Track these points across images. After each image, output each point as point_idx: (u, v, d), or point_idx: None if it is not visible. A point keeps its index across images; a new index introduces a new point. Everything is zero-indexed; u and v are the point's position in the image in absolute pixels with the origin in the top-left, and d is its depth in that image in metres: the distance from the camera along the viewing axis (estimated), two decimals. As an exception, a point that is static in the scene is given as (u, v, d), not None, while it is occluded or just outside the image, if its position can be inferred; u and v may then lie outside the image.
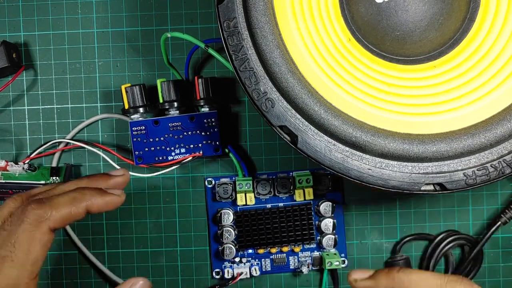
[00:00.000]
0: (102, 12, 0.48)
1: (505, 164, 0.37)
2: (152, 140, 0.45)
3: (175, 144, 0.45)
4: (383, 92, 0.38)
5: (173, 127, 0.45)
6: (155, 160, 0.45)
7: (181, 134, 0.45)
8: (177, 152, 0.45)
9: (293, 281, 0.49)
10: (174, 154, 0.45)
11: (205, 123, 0.45)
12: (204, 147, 0.45)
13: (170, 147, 0.45)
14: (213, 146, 0.45)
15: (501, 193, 0.48)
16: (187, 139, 0.45)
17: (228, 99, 0.48)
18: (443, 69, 0.38)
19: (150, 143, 0.45)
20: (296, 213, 0.47)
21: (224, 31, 0.37)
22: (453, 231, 0.48)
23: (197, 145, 0.45)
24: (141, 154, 0.45)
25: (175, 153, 0.45)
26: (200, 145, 0.45)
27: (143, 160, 0.45)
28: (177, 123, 0.45)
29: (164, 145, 0.45)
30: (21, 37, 0.48)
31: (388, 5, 0.38)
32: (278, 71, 0.36)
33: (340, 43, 0.39)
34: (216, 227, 0.48)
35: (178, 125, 0.45)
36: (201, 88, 0.45)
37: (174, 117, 0.45)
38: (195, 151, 0.45)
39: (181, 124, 0.45)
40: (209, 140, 0.45)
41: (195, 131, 0.45)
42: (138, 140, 0.45)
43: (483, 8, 0.38)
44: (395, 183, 0.37)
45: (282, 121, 0.37)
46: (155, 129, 0.45)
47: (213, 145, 0.45)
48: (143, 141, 0.45)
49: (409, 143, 0.37)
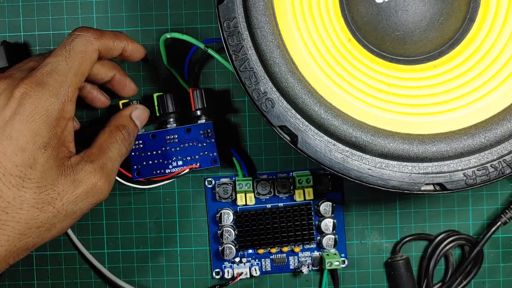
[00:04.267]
0: (102, 12, 0.48)
1: (505, 164, 0.37)
2: (149, 154, 0.45)
3: (173, 157, 0.45)
4: (383, 92, 0.38)
5: (170, 140, 0.45)
6: (153, 174, 0.45)
7: (177, 146, 0.45)
8: (174, 165, 0.45)
9: (293, 281, 0.49)
10: (171, 167, 0.45)
11: (201, 134, 0.45)
12: (201, 159, 0.45)
13: (167, 160, 0.45)
14: (211, 157, 0.45)
15: (501, 193, 0.48)
16: (184, 151, 0.45)
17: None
18: (443, 69, 0.38)
19: (147, 156, 0.45)
20: (296, 213, 0.47)
21: (224, 31, 0.37)
22: (453, 231, 0.48)
23: (194, 156, 0.45)
24: (139, 168, 0.45)
25: (172, 166, 0.45)
26: (197, 156, 0.45)
27: (141, 175, 0.45)
28: (174, 136, 0.45)
29: (161, 158, 0.45)
30: (21, 37, 0.48)
31: (388, 5, 0.38)
32: (278, 71, 0.36)
33: (340, 43, 0.39)
34: (216, 227, 0.48)
35: (174, 138, 0.45)
36: (196, 99, 0.45)
37: (170, 130, 0.45)
38: (192, 163, 0.45)
39: (178, 136, 0.45)
40: (206, 151, 0.45)
41: (191, 143, 0.45)
42: (136, 154, 0.45)
43: (483, 8, 0.38)
44: (395, 183, 0.37)
45: (282, 121, 0.37)
46: (152, 143, 0.45)
47: (210, 156, 0.45)
48: (141, 154, 0.45)
49: (409, 143, 0.37)
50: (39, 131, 0.35)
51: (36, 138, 0.35)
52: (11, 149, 0.35)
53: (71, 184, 0.37)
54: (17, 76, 0.37)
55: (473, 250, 0.47)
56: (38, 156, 0.35)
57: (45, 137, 0.36)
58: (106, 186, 0.38)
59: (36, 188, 0.35)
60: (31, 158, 0.35)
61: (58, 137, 0.37)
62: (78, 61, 0.38)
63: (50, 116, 0.36)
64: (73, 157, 0.38)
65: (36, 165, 0.35)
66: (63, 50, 0.38)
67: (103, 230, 0.49)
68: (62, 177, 0.37)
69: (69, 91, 0.37)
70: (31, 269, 0.49)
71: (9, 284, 0.49)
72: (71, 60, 0.37)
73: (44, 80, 0.36)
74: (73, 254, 0.49)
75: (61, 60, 0.37)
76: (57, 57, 0.37)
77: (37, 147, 0.35)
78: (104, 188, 0.38)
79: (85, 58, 0.38)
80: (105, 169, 0.38)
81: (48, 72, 0.37)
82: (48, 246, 0.49)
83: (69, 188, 0.37)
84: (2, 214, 0.35)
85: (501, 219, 0.47)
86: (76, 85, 0.38)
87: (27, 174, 0.35)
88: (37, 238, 0.37)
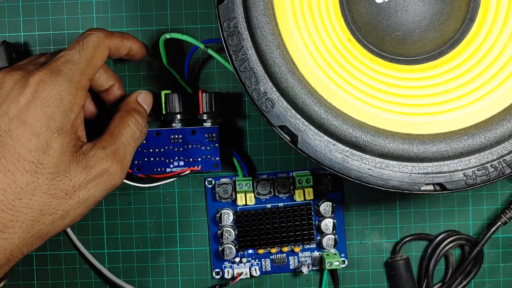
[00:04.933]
0: (102, 12, 0.48)
1: (505, 164, 0.37)
2: (152, 151, 0.45)
3: (175, 157, 0.45)
4: (383, 92, 0.38)
5: (174, 139, 0.45)
6: (154, 171, 0.45)
7: (181, 147, 0.45)
8: (175, 165, 0.45)
9: (293, 281, 0.49)
10: (172, 166, 0.45)
11: (206, 137, 0.45)
12: (203, 162, 0.45)
13: (169, 158, 0.45)
14: (213, 161, 0.45)
15: (501, 193, 0.48)
16: (187, 152, 0.45)
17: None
18: (443, 69, 0.38)
19: (150, 153, 0.45)
20: (296, 213, 0.47)
21: (224, 31, 0.37)
22: (453, 231, 0.48)
23: (196, 159, 0.45)
24: (140, 164, 0.45)
25: (173, 165, 0.45)
26: (199, 159, 0.45)
27: (141, 170, 0.45)
28: (178, 136, 0.45)
29: (163, 156, 0.45)
30: (21, 37, 0.48)
31: (388, 5, 0.38)
32: (278, 71, 0.36)
33: (340, 43, 0.39)
34: (216, 227, 0.48)
35: (179, 138, 0.45)
36: (205, 102, 0.45)
37: (175, 129, 0.45)
38: (193, 165, 0.45)
39: (182, 136, 0.45)
40: (208, 155, 0.45)
41: (195, 145, 0.45)
42: (138, 149, 0.45)
43: (483, 8, 0.38)
44: (395, 183, 0.37)
45: (282, 121, 0.37)
46: (156, 140, 0.45)
47: (212, 160, 0.45)
48: (143, 150, 0.45)
49: (409, 143, 0.37)
50: (53, 116, 0.36)
51: (50, 122, 0.36)
52: (26, 134, 0.36)
53: (83, 170, 0.37)
54: (30, 68, 0.38)
55: (473, 250, 0.47)
56: (52, 141, 0.36)
57: (59, 121, 0.36)
58: (119, 171, 0.39)
59: (49, 174, 0.36)
60: (45, 143, 0.36)
61: (71, 123, 0.37)
62: (91, 54, 0.39)
63: (64, 101, 0.37)
64: (85, 145, 0.38)
65: (50, 151, 0.36)
66: (76, 45, 0.39)
67: (103, 230, 0.49)
68: (75, 164, 0.37)
69: (82, 79, 0.38)
70: (31, 269, 0.49)
71: (9, 284, 0.49)
72: (84, 52, 0.39)
73: (59, 68, 0.37)
74: (73, 254, 0.49)
75: (75, 53, 0.39)
76: (71, 50, 0.39)
77: (51, 132, 0.36)
78: (117, 174, 0.39)
79: (97, 52, 0.40)
80: (117, 155, 0.39)
81: (62, 62, 0.38)
82: (48, 246, 0.49)
83: (81, 175, 0.37)
84: (15, 200, 0.35)
85: (501, 219, 0.47)
86: (89, 75, 0.39)
87: (40, 160, 0.36)
88: (50, 225, 0.37)
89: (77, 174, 0.37)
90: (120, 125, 0.41)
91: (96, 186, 0.38)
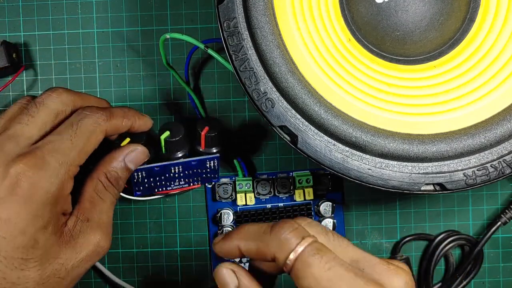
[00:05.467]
0: (102, 12, 0.48)
1: (505, 164, 0.37)
2: (152, 180, 0.44)
3: (176, 180, 0.45)
4: (383, 92, 0.38)
5: (175, 170, 0.44)
6: (155, 191, 0.45)
7: (182, 173, 0.44)
8: (176, 184, 0.45)
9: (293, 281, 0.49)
10: (173, 186, 0.45)
11: (207, 166, 0.45)
12: (202, 180, 0.46)
13: (169, 181, 0.45)
14: (212, 179, 0.46)
15: (501, 193, 0.48)
16: (188, 175, 0.45)
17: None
18: (443, 69, 0.38)
19: (150, 182, 0.44)
20: (296, 213, 0.47)
21: (224, 31, 0.37)
22: (453, 231, 0.48)
23: (197, 178, 0.45)
24: (140, 190, 0.44)
25: (174, 184, 0.45)
26: (199, 178, 0.45)
27: (142, 192, 0.44)
28: (179, 167, 0.44)
29: (164, 181, 0.45)
30: (21, 37, 0.48)
31: (388, 5, 0.38)
32: (278, 71, 0.36)
33: (340, 43, 0.39)
34: (216, 227, 0.48)
35: (179, 168, 0.44)
36: (207, 142, 0.44)
37: (176, 163, 0.44)
38: (194, 183, 0.45)
39: (183, 167, 0.45)
40: (208, 175, 0.45)
41: (195, 169, 0.45)
42: (138, 181, 0.44)
43: (483, 8, 0.38)
44: (395, 183, 0.37)
45: (282, 121, 0.37)
46: (155, 172, 0.44)
47: (212, 179, 0.46)
48: (144, 180, 0.44)
49: (409, 143, 0.37)
50: (38, 213, 0.34)
51: (35, 220, 0.34)
52: (10, 232, 0.33)
53: (73, 251, 0.36)
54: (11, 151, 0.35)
55: (473, 250, 0.47)
56: (39, 237, 0.34)
57: (45, 217, 0.34)
58: (107, 243, 0.38)
59: (40, 265, 0.35)
60: (32, 239, 0.34)
61: (57, 215, 0.36)
62: (83, 141, 0.36)
63: (50, 197, 0.35)
64: (69, 221, 0.37)
65: (38, 245, 0.34)
66: (69, 129, 0.36)
67: (103, 230, 0.49)
68: (64, 247, 0.36)
69: (70, 170, 0.36)
70: (31, 269, 0.49)
71: (9, 284, 0.49)
72: (76, 139, 0.36)
73: (45, 159, 0.34)
74: (73, 254, 0.49)
75: (66, 139, 0.36)
76: (62, 135, 0.36)
77: (37, 229, 0.34)
78: (105, 246, 0.38)
79: (91, 138, 0.37)
80: (102, 225, 0.38)
81: (49, 151, 0.35)
82: (48, 246, 0.49)
83: (72, 255, 0.36)
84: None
85: (501, 219, 0.47)
86: (78, 163, 0.36)
87: (29, 255, 0.34)
88: None
89: (67, 256, 0.36)
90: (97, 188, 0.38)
91: (88, 261, 0.37)
